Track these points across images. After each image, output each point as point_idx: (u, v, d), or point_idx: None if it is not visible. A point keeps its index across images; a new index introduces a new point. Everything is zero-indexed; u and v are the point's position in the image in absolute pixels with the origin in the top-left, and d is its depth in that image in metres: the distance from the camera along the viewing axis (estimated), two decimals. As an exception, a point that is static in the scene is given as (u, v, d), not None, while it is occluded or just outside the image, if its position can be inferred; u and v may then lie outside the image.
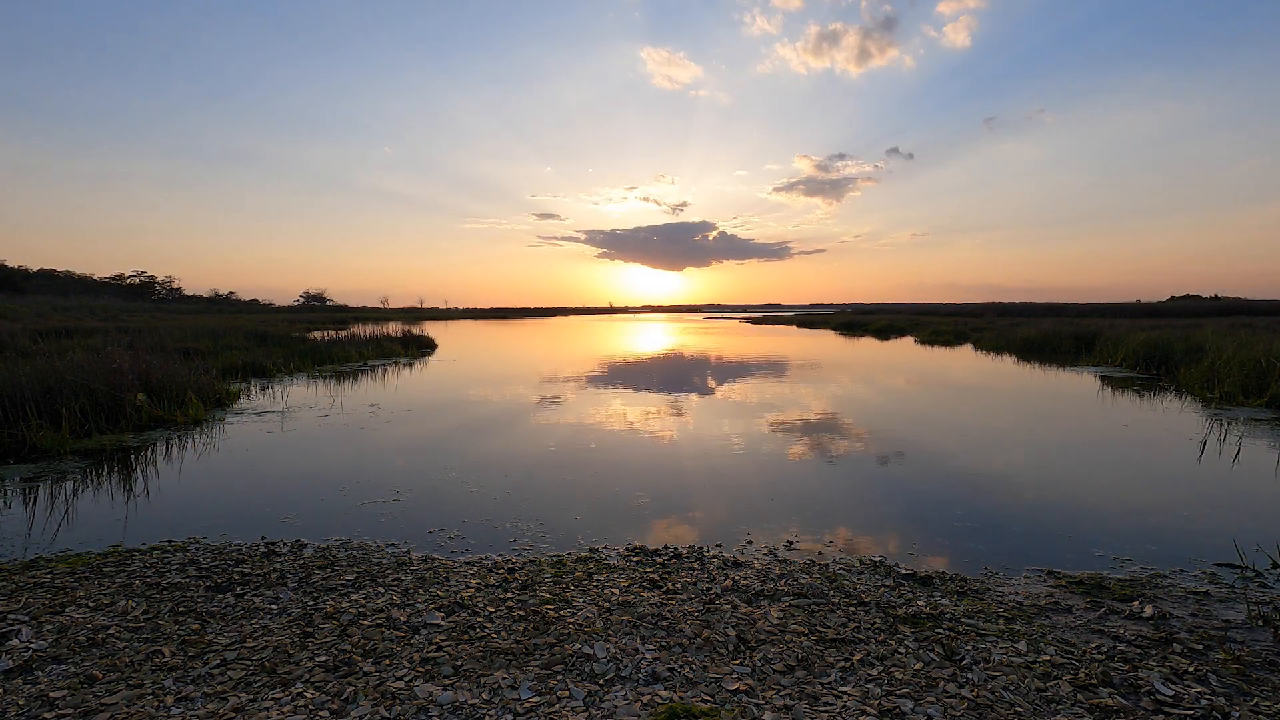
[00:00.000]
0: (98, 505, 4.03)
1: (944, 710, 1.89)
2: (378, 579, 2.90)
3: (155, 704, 1.90)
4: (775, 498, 4.21)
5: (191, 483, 4.55)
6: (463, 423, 6.96)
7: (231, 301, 73.21)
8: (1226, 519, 3.77)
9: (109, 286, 64.40)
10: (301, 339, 16.12)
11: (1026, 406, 8.00)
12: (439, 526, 3.68)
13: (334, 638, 2.33)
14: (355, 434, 6.25)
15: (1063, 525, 3.67)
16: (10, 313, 22.04)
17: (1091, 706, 1.92)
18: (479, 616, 2.50)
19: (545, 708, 1.89)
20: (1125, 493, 4.32)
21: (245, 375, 10.90)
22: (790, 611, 2.58)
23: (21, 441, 5.38)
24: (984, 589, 2.82)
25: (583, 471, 4.88)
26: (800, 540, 3.46)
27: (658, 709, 1.88)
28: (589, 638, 2.33)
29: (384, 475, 4.74)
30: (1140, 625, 2.49)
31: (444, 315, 75.78)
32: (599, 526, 3.68)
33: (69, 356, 6.93)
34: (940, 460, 5.23)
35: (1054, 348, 16.32)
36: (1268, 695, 1.98)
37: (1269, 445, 5.62)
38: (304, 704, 1.90)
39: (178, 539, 3.45)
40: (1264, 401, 7.61)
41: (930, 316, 39.12)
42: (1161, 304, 45.70)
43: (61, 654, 2.20)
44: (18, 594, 2.68)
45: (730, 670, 2.12)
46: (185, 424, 6.54)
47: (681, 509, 4.00)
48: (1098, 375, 11.14)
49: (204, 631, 2.38)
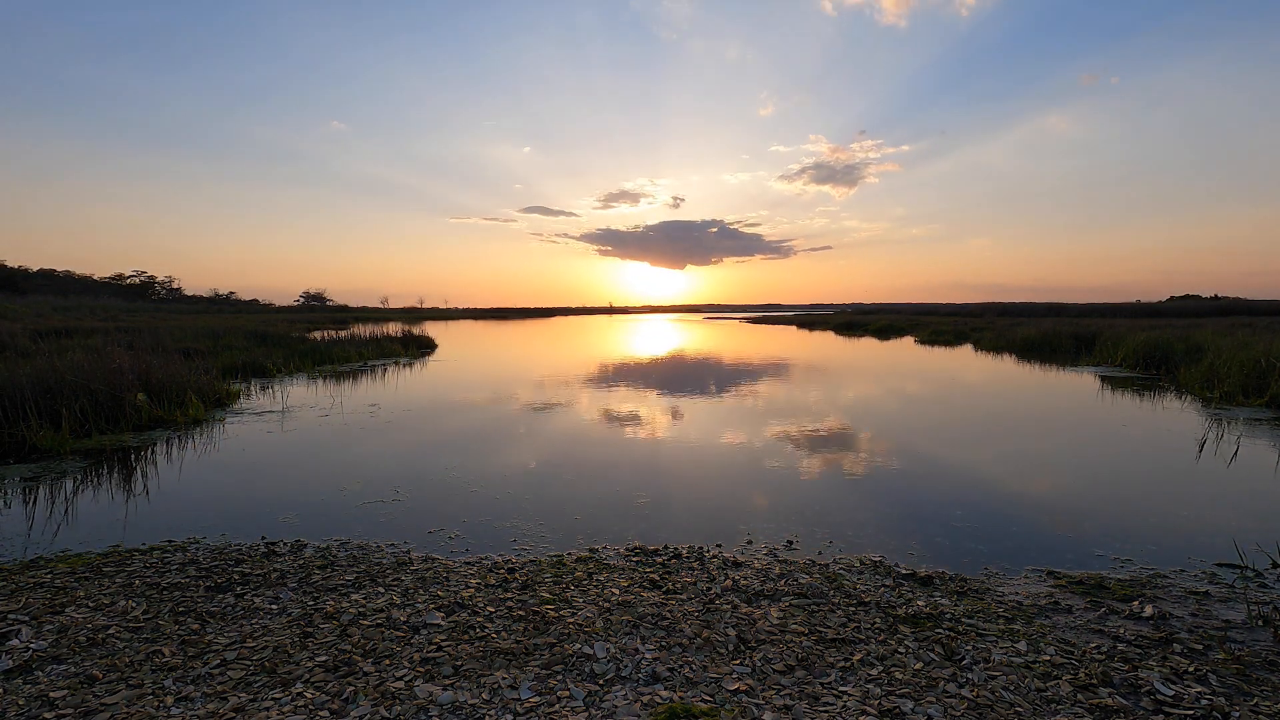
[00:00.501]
0: (98, 505, 4.03)
1: (944, 710, 1.89)
2: (378, 579, 2.90)
3: (155, 704, 1.90)
4: (775, 498, 4.21)
5: (191, 483, 4.55)
6: (463, 422, 6.96)
7: (231, 301, 73.27)
8: (1226, 519, 3.77)
9: (109, 286, 64.47)
10: (301, 339, 16.12)
11: (1026, 406, 8.00)
12: (439, 526, 3.68)
13: (334, 638, 2.33)
14: (355, 434, 6.25)
15: (1063, 525, 3.67)
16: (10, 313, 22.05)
17: (1091, 706, 1.92)
18: (479, 616, 2.50)
19: (545, 708, 1.89)
20: (1125, 493, 4.32)
21: (245, 375, 10.90)
22: (790, 611, 2.58)
23: (21, 441, 5.38)
24: (984, 589, 2.82)
25: (582, 471, 4.88)
26: (800, 540, 3.46)
27: (658, 709, 1.88)
28: (589, 638, 2.33)
29: (384, 475, 4.74)
30: (1140, 625, 2.49)
31: (444, 315, 75.81)
32: (599, 526, 3.68)
33: (69, 356, 6.93)
34: (940, 460, 5.23)
35: (1054, 348, 16.32)
36: (1268, 695, 1.98)
37: (1269, 445, 5.62)
38: (304, 704, 1.90)
39: (178, 539, 3.45)
40: (1264, 401, 7.61)
41: (930, 317, 39.12)
42: (1161, 304, 45.74)
43: (61, 654, 2.20)
44: (18, 594, 2.68)
45: (730, 670, 2.12)
46: (185, 424, 6.54)
47: (681, 509, 4.00)
48: (1098, 375, 11.14)
49: (204, 631, 2.38)
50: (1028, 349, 16.67)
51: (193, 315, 36.11)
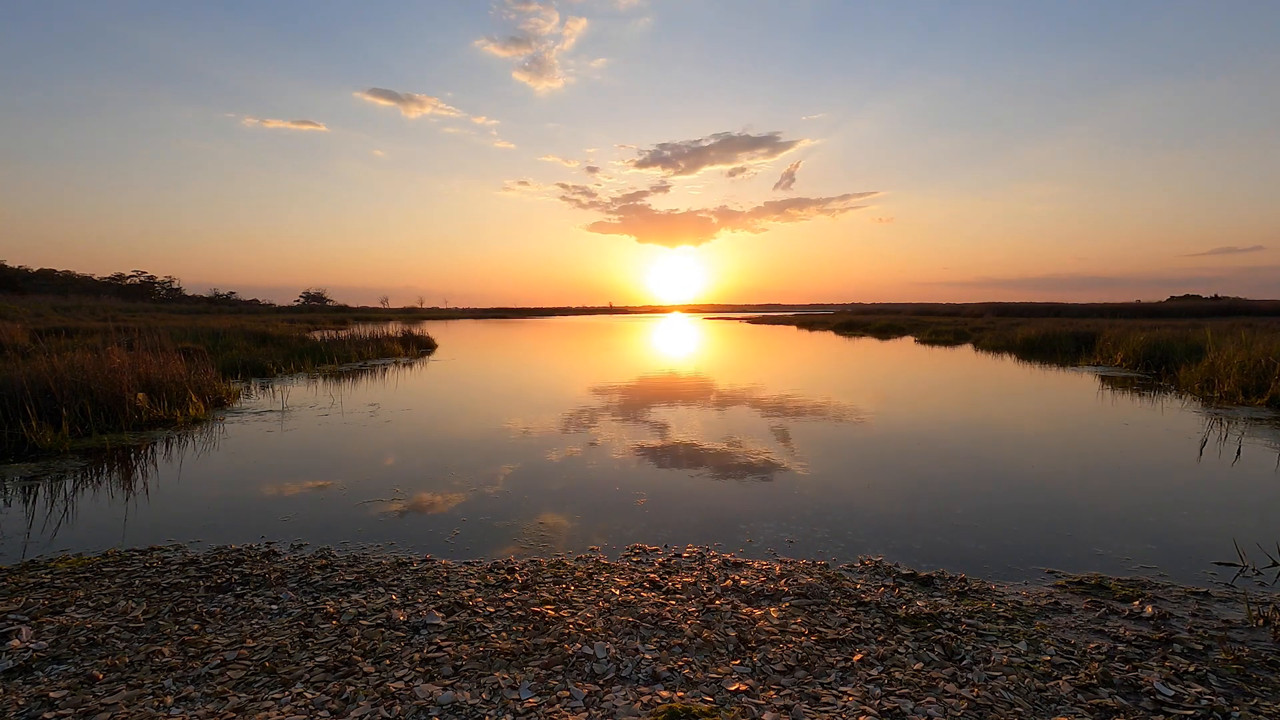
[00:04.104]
0: (98, 505, 4.03)
1: (944, 710, 1.89)
2: (377, 579, 2.90)
3: (155, 704, 1.90)
4: (775, 497, 4.21)
5: (191, 482, 4.55)
6: (462, 422, 6.95)
7: (231, 301, 73.28)
8: (1226, 519, 3.77)
9: (109, 286, 64.48)
10: (301, 339, 16.13)
11: (1026, 406, 8.00)
12: (439, 526, 3.68)
13: (334, 638, 2.32)
14: (355, 433, 6.25)
15: (1063, 525, 3.67)
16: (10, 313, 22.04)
17: (1091, 707, 1.92)
18: (479, 617, 2.50)
19: (545, 708, 1.89)
20: (1125, 492, 4.31)
21: (245, 375, 10.90)
22: (790, 612, 2.58)
23: (21, 441, 5.38)
24: (984, 589, 2.82)
25: (583, 471, 4.88)
26: (800, 540, 3.46)
27: (658, 709, 1.88)
28: (589, 638, 2.33)
29: (384, 475, 4.74)
30: (1140, 625, 2.49)
31: (444, 315, 75.86)
32: (599, 526, 3.68)
33: (68, 356, 6.93)
34: (940, 460, 5.23)
35: (1054, 348, 16.30)
36: (1268, 695, 1.98)
37: (1269, 445, 5.61)
38: (304, 704, 1.90)
39: (178, 539, 3.45)
40: (1264, 401, 7.61)
41: (930, 317, 39.13)
42: (1161, 304, 45.71)
43: (61, 654, 2.19)
44: (18, 594, 2.68)
45: (730, 670, 2.12)
46: (185, 423, 6.54)
47: (681, 508, 4.00)
48: (1098, 375, 11.14)
49: (204, 632, 2.38)
50: (1028, 349, 16.66)
51: (193, 315, 36.09)
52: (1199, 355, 10.63)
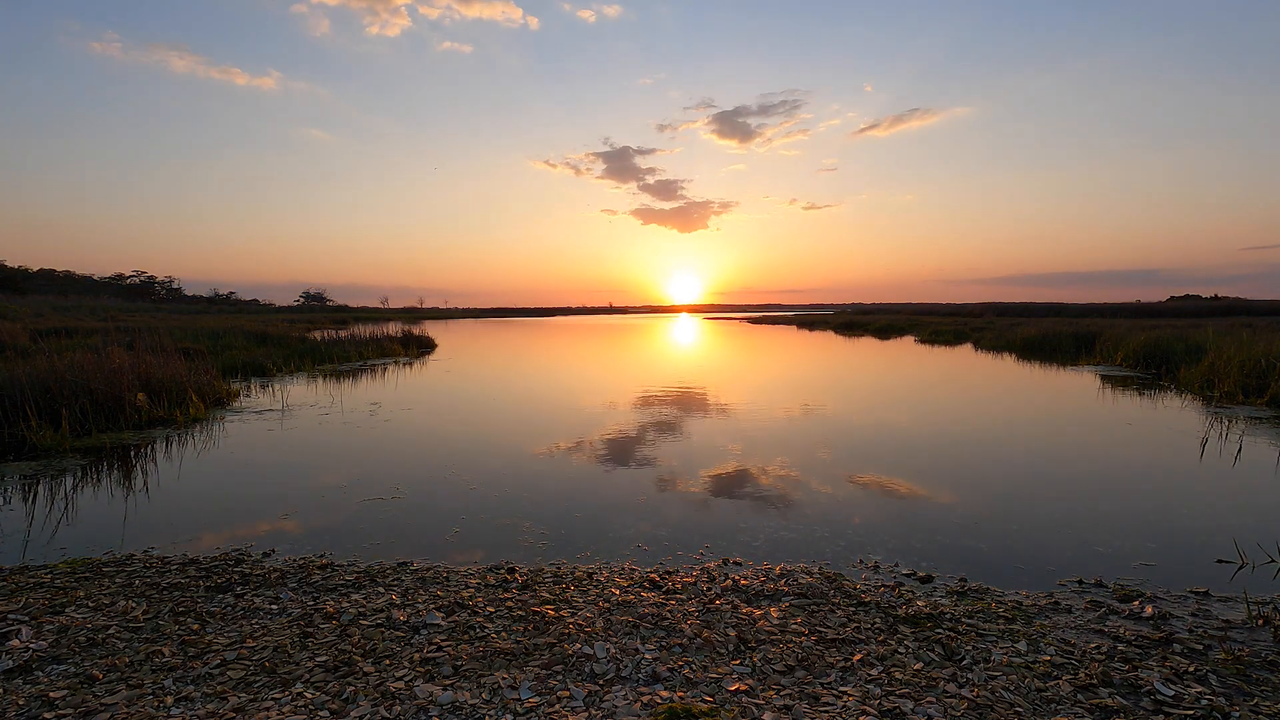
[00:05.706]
0: (98, 504, 4.03)
1: (944, 710, 1.89)
2: (377, 579, 2.90)
3: (155, 704, 1.90)
4: (775, 497, 4.21)
5: (191, 482, 4.55)
6: (462, 422, 6.95)
7: (231, 301, 73.27)
8: (1227, 518, 3.77)
9: (109, 286, 64.50)
10: (301, 338, 16.13)
11: (1027, 406, 8.00)
12: (439, 526, 3.68)
13: (334, 638, 2.32)
14: (355, 433, 6.25)
15: (1063, 525, 3.67)
16: (10, 313, 22.03)
17: (1091, 706, 1.92)
18: (479, 617, 2.50)
19: (545, 708, 1.89)
20: (1125, 492, 4.31)
21: (245, 375, 10.90)
22: (790, 612, 2.57)
23: (21, 441, 5.37)
24: (984, 589, 2.82)
25: (583, 471, 4.88)
26: (800, 540, 3.46)
27: (658, 709, 1.88)
28: (589, 638, 2.33)
29: (384, 474, 4.74)
30: (1140, 625, 2.48)
31: (443, 315, 75.87)
32: (599, 526, 3.68)
33: (69, 356, 6.93)
34: (940, 460, 5.23)
35: (1054, 347, 16.30)
36: (1268, 695, 1.98)
37: (1269, 444, 5.61)
38: (304, 704, 1.89)
39: (178, 538, 3.45)
40: (1264, 401, 7.61)
41: (930, 316, 39.16)
42: (1161, 304, 45.71)
43: (61, 654, 2.19)
44: (18, 594, 2.68)
45: (730, 670, 2.12)
46: (185, 423, 6.54)
47: (681, 508, 4.00)
48: (1098, 375, 11.14)
49: (204, 631, 2.38)
50: (1028, 349, 16.66)
51: (193, 315, 36.12)
52: (1199, 355, 10.63)
